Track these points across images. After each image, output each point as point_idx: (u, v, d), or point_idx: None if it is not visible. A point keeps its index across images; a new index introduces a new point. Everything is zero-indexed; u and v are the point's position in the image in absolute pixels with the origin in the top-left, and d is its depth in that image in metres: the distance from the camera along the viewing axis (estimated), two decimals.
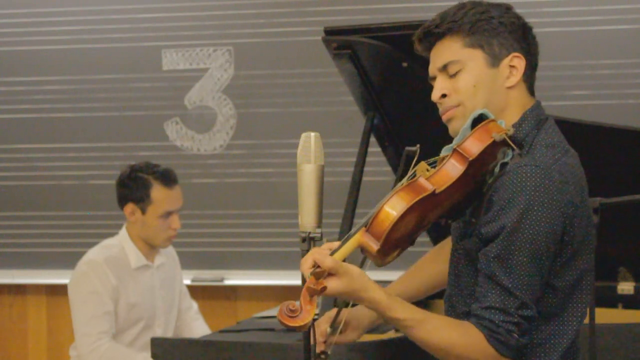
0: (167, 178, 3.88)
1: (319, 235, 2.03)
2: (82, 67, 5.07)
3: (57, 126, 5.09)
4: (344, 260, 2.00)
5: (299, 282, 2.02)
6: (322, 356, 2.44)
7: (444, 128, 2.19)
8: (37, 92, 5.11)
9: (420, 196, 1.97)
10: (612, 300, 3.52)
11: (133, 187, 3.86)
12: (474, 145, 2.01)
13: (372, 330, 3.21)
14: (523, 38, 2.13)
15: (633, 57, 4.62)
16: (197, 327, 4.14)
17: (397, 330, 3.25)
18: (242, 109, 4.98)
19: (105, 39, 5.04)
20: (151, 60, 5.01)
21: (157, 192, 3.85)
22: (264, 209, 4.94)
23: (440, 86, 2.13)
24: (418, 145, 2.12)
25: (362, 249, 2.01)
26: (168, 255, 4.04)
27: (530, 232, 1.97)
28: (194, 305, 4.22)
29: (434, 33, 2.14)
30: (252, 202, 4.96)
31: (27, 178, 5.15)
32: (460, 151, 2.01)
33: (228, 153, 4.99)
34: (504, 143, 2.04)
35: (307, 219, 2.03)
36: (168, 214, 3.86)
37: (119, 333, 3.85)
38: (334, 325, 2.35)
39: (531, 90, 2.17)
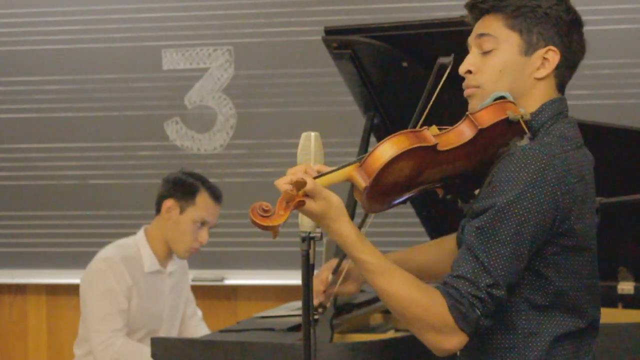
0: (216, 193, 3.94)
1: (319, 235, 2.03)
2: (82, 67, 5.07)
3: (57, 126, 5.09)
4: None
5: (299, 281, 2.02)
6: (320, 309, 2.44)
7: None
8: (37, 92, 5.11)
9: (420, 144, 1.96)
10: (612, 300, 3.52)
11: (180, 186, 3.90)
12: (486, 116, 2.02)
13: (372, 330, 3.22)
14: (567, 34, 2.12)
15: (633, 57, 4.62)
16: (200, 334, 4.14)
17: (397, 330, 3.25)
18: (242, 109, 4.98)
19: (105, 39, 5.05)
20: (151, 60, 5.02)
21: (203, 199, 3.90)
22: None
23: (469, 61, 2.13)
24: (452, 55, 2.11)
25: (352, 184, 2.00)
26: (179, 263, 4.06)
27: (520, 215, 1.96)
28: (199, 312, 4.23)
29: (478, 7, 2.15)
30: (252, 202, 4.92)
31: (27, 178, 5.15)
32: (472, 118, 2.02)
33: (228, 153, 4.99)
34: (517, 128, 2.04)
35: (307, 218, 2.02)
36: (203, 223, 3.89)
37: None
38: (335, 273, 2.34)
39: (560, 88, 2.15)
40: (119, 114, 5.06)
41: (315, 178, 1.96)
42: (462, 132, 2.02)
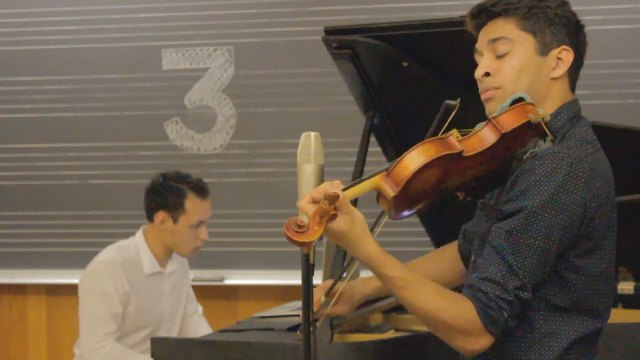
0: (201, 189, 3.90)
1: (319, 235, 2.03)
2: (82, 67, 5.07)
3: (57, 126, 5.09)
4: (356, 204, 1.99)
5: (298, 281, 2.02)
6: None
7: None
8: (37, 92, 5.11)
9: (447, 152, 1.97)
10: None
11: (167, 196, 3.86)
12: (509, 120, 2.02)
13: (372, 330, 3.22)
14: (575, 34, 2.14)
15: (633, 57, 4.62)
16: (201, 331, 4.13)
17: (397, 330, 3.25)
18: (242, 109, 4.98)
19: (105, 39, 5.05)
20: (151, 60, 5.02)
21: (191, 202, 3.86)
22: (264, 209, 4.94)
23: (485, 64, 2.13)
24: (459, 99, 2.11)
25: (379, 193, 2.00)
26: (179, 262, 4.05)
27: (549, 218, 1.97)
28: (199, 309, 4.22)
29: (489, 11, 2.15)
30: (252, 202, 4.96)
31: (27, 178, 5.15)
32: (495, 123, 2.02)
33: (228, 153, 5.00)
34: (538, 128, 2.04)
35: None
36: (199, 224, 3.87)
37: (124, 337, 3.85)
38: (328, 295, 2.35)
39: (573, 87, 2.17)
40: (119, 114, 5.06)
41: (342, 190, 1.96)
42: (485, 136, 2.02)
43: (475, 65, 2.17)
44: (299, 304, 3.34)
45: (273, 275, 4.93)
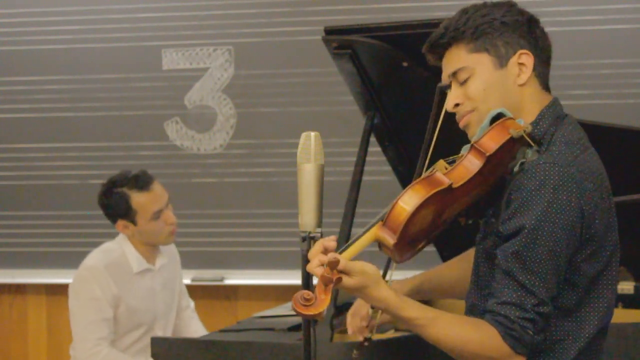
0: (141, 182, 3.84)
1: (319, 235, 2.03)
2: (82, 67, 5.07)
3: (57, 126, 5.10)
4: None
5: (299, 281, 2.02)
6: (366, 343, 2.46)
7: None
8: (37, 92, 5.11)
9: (436, 189, 1.98)
10: None
11: (114, 205, 3.83)
12: (491, 141, 2.02)
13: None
14: (529, 33, 2.13)
15: (633, 57, 4.62)
16: (193, 326, 4.14)
17: (397, 330, 3.25)
18: (242, 109, 4.98)
19: (105, 38, 5.05)
20: (151, 60, 5.02)
21: (137, 200, 3.82)
22: (264, 209, 4.94)
23: (452, 95, 2.14)
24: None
25: (379, 243, 2.02)
26: (169, 256, 4.02)
27: (550, 231, 1.97)
28: (191, 304, 4.22)
29: (439, 44, 2.15)
30: (252, 202, 4.96)
31: (27, 178, 5.15)
32: (478, 147, 2.02)
33: (228, 153, 5.00)
34: (522, 140, 2.04)
35: (307, 218, 2.03)
36: (157, 214, 3.84)
37: (120, 337, 3.84)
38: (374, 307, 2.35)
39: (545, 85, 2.16)
40: (119, 114, 5.06)
41: (342, 251, 1.98)
42: (471, 162, 2.02)
43: None
44: None
45: (273, 275, 4.93)
